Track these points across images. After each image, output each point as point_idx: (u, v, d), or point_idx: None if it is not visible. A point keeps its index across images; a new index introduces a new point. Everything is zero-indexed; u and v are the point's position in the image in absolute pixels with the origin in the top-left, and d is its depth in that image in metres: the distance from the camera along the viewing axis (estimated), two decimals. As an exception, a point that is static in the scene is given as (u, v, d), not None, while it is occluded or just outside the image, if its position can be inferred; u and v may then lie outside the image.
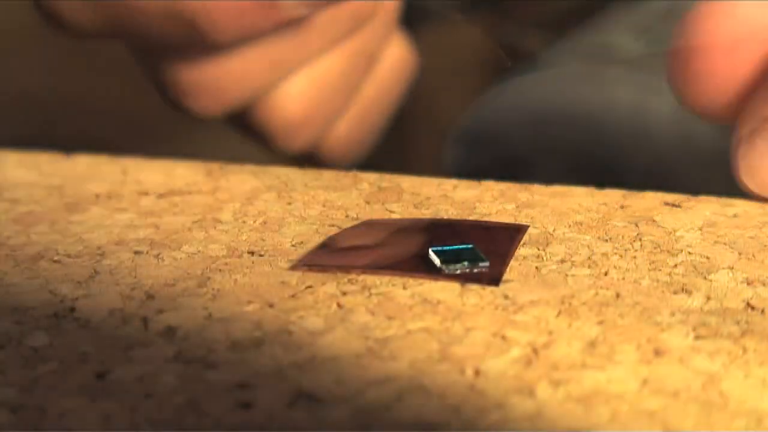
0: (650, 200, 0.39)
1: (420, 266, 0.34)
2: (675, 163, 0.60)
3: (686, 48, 0.36)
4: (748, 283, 0.34)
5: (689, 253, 0.36)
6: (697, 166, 0.61)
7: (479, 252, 0.34)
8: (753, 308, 0.32)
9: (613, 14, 0.65)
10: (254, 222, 0.38)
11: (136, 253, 0.36)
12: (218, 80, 0.46)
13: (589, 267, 0.35)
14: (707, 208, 0.39)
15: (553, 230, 0.37)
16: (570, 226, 0.38)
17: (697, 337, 0.31)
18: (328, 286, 0.34)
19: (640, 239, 0.37)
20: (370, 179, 0.42)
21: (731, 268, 0.35)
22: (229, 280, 0.34)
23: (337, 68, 0.47)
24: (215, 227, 0.38)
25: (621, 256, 0.35)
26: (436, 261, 0.34)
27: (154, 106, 0.49)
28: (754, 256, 0.35)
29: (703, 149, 0.61)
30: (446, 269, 0.34)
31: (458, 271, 0.34)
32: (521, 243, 0.36)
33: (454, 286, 0.34)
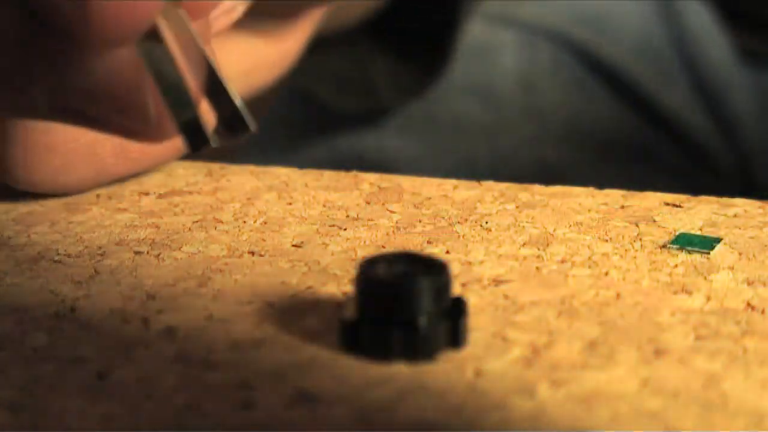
0: (650, 200, 0.39)
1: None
2: None
3: None
4: (748, 283, 0.34)
5: (689, 253, 0.36)
6: None
7: None
8: (753, 308, 0.32)
9: None
10: (255, 222, 0.38)
11: (137, 253, 0.36)
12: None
13: (590, 267, 0.35)
14: (707, 208, 0.39)
15: (553, 230, 0.37)
16: (570, 226, 0.38)
17: (697, 338, 0.31)
18: (328, 285, 0.34)
19: (640, 239, 0.37)
20: (370, 179, 0.42)
21: (731, 268, 0.35)
22: (229, 280, 0.34)
23: None
24: (216, 227, 0.38)
25: (621, 256, 0.35)
26: None
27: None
28: (754, 256, 0.35)
29: None
30: None
31: None
32: (522, 243, 0.36)
33: (455, 287, 0.34)
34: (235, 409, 0.28)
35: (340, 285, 0.34)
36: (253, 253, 0.36)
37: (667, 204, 0.39)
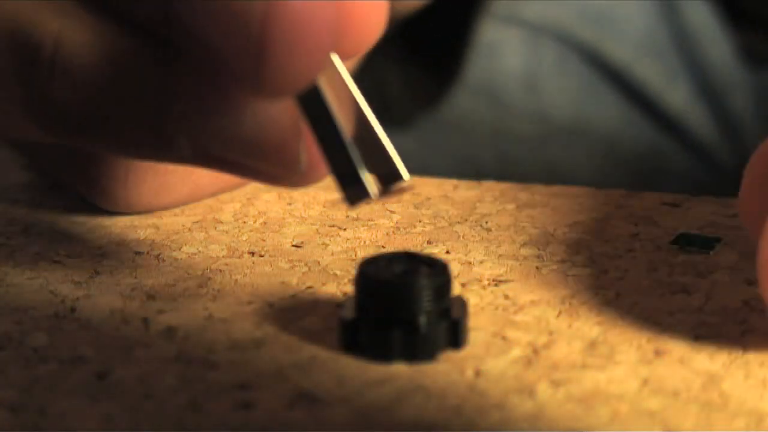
0: (650, 200, 0.39)
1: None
2: None
3: None
4: (748, 283, 0.34)
5: (689, 253, 0.36)
6: None
7: None
8: (753, 308, 0.32)
9: None
10: (254, 222, 0.38)
11: (137, 253, 0.36)
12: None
13: (589, 267, 0.35)
14: (707, 208, 0.39)
15: (553, 230, 0.37)
16: (570, 226, 0.38)
17: (697, 337, 0.31)
18: (328, 285, 0.34)
19: (640, 239, 0.37)
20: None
21: (731, 268, 0.35)
22: (229, 281, 0.34)
23: None
24: (215, 227, 0.38)
25: (621, 256, 0.35)
26: None
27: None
28: (754, 256, 0.35)
29: None
30: None
31: None
32: (522, 243, 0.36)
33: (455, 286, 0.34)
34: (235, 409, 0.28)
35: (340, 285, 0.34)
36: (253, 253, 0.36)
37: (666, 204, 0.39)
